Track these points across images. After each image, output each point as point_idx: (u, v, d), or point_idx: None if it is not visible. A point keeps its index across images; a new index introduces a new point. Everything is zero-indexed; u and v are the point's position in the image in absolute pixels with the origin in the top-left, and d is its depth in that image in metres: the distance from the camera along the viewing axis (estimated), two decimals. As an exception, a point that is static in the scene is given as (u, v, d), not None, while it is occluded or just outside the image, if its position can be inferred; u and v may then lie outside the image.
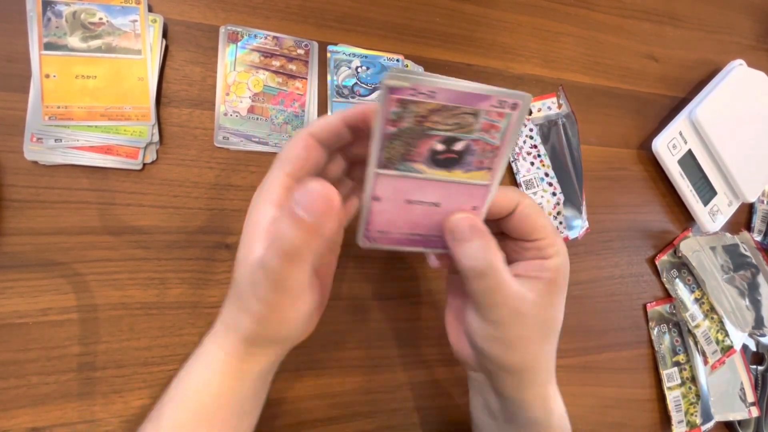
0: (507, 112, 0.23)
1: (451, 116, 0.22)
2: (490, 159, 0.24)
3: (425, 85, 0.21)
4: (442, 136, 0.23)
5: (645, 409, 0.49)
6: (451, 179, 0.24)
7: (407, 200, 0.25)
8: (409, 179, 0.24)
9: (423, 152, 0.23)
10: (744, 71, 0.54)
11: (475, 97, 0.22)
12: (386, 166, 0.23)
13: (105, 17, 0.35)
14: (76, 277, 0.33)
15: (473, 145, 0.23)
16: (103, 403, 0.33)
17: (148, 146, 0.35)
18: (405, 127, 0.22)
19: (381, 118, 0.21)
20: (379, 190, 0.24)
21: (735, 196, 0.54)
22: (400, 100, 0.21)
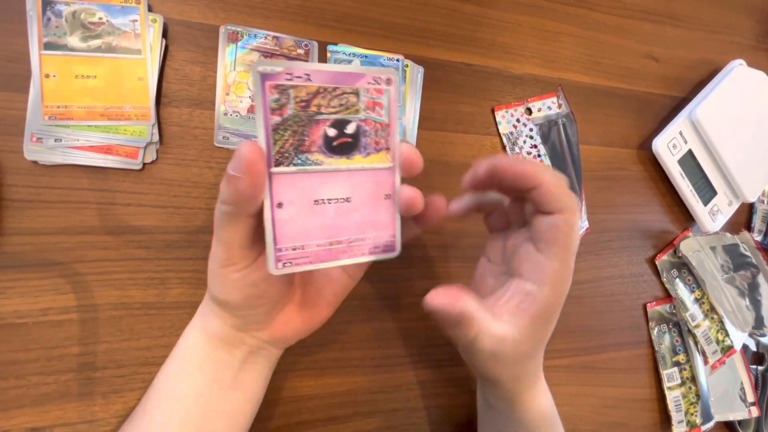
0: (384, 87, 0.23)
1: (334, 98, 0.22)
2: (384, 138, 0.24)
3: (298, 68, 0.21)
4: (331, 119, 0.22)
5: (645, 409, 0.49)
6: (354, 166, 0.23)
7: (315, 200, 0.23)
8: (310, 174, 0.23)
9: (316, 140, 0.22)
10: (744, 71, 0.54)
11: (350, 76, 0.22)
12: (281, 163, 0.22)
13: (105, 17, 0.35)
14: (76, 277, 0.33)
15: (364, 126, 0.23)
16: (103, 403, 0.33)
17: (148, 146, 0.35)
18: (290, 114, 0.21)
19: (262, 109, 0.21)
20: (279, 194, 0.22)
21: (735, 196, 0.54)
22: (277, 86, 0.21)
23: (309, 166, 0.22)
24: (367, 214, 0.24)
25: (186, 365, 0.29)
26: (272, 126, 0.21)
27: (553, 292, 0.25)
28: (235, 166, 0.21)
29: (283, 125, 0.21)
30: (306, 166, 0.22)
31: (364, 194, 0.24)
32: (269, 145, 0.21)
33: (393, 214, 0.25)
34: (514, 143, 0.47)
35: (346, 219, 0.24)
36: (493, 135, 0.46)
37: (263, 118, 0.21)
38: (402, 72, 0.43)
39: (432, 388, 0.41)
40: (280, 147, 0.22)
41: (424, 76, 0.44)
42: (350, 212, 0.24)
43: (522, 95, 0.48)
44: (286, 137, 0.22)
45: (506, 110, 0.47)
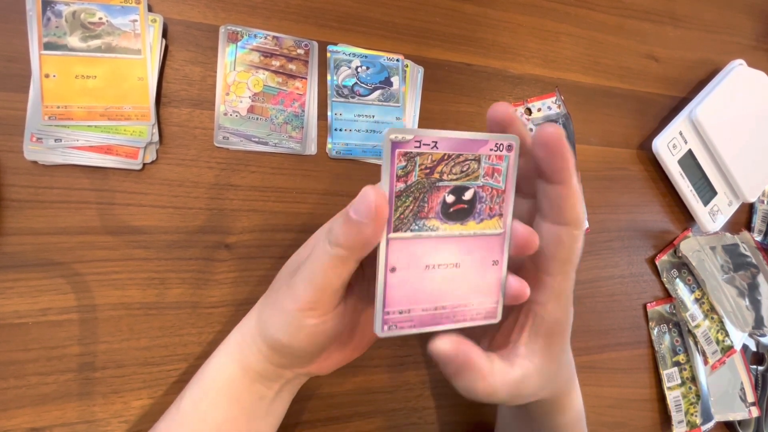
0: (505, 154, 0.23)
1: (456, 164, 0.22)
2: (498, 204, 0.23)
3: (428, 136, 0.21)
4: (451, 185, 0.22)
5: (645, 409, 0.49)
6: (467, 232, 0.23)
7: (426, 266, 0.23)
8: (424, 240, 0.22)
9: (435, 206, 0.22)
10: (744, 71, 0.54)
11: (475, 143, 0.22)
12: (399, 228, 0.22)
13: (105, 17, 0.35)
14: (75, 277, 0.33)
15: (481, 192, 0.23)
16: (103, 403, 0.33)
17: (147, 146, 0.35)
18: (414, 182, 0.21)
19: (389, 176, 0.21)
20: (394, 259, 0.22)
21: (735, 196, 0.54)
22: (406, 154, 0.21)
23: (425, 232, 0.22)
24: (473, 280, 0.24)
25: (219, 396, 0.28)
26: (396, 192, 0.21)
27: (558, 306, 0.24)
28: (360, 211, 0.20)
29: (406, 192, 0.21)
30: (422, 232, 0.22)
31: (473, 260, 0.24)
32: (391, 210, 0.21)
33: (499, 281, 0.24)
34: (514, 143, 0.46)
35: (452, 284, 0.23)
36: (493, 135, 0.46)
37: (389, 185, 0.21)
38: (402, 72, 0.43)
39: (432, 388, 0.41)
40: (401, 213, 0.21)
41: (424, 76, 0.44)
42: (457, 278, 0.23)
43: (522, 95, 0.48)
44: (407, 204, 0.22)
45: (506, 110, 0.47)
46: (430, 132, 0.21)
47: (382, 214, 0.20)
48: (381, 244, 0.22)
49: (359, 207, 0.21)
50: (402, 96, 0.43)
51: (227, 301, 0.36)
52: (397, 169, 0.21)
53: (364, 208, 0.20)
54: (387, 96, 0.42)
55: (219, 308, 0.36)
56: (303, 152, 0.39)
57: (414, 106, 0.43)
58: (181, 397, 0.29)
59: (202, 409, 0.28)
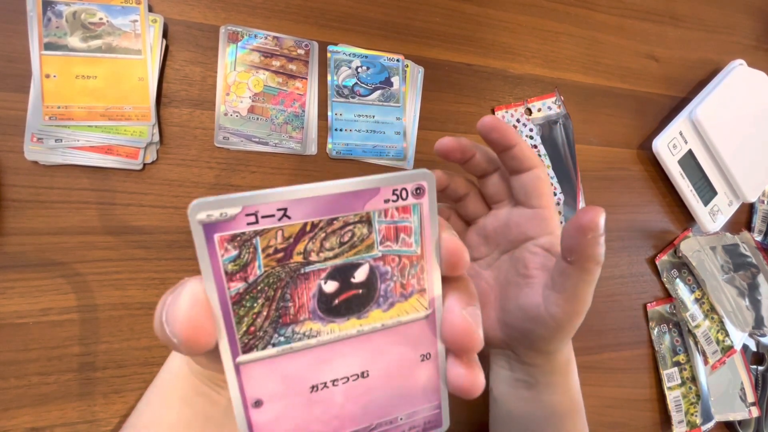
0: (412, 202, 0.16)
1: (330, 235, 0.15)
2: (415, 276, 0.16)
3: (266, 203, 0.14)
4: (327, 268, 0.15)
5: (645, 409, 0.49)
6: (370, 327, 0.16)
7: (311, 386, 0.16)
8: (300, 354, 0.16)
9: (304, 303, 0.15)
10: (744, 71, 0.54)
11: (356, 197, 0.15)
12: (252, 347, 0.15)
13: (105, 17, 0.35)
14: (76, 277, 0.33)
15: (383, 267, 0.16)
16: (104, 403, 0.33)
17: (148, 146, 0.35)
18: (259, 276, 0.15)
19: (212, 275, 0.14)
20: (255, 389, 0.15)
21: (735, 196, 0.54)
22: (234, 238, 0.14)
23: (297, 343, 0.16)
24: (395, 389, 0.17)
25: (171, 396, 0.26)
26: (232, 298, 0.14)
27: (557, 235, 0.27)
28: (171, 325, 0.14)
29: (249, 294, 0.15)
30: (293, 343, 0.15)
31: (389, 362, 0.17)
32: (230, 325, 0.15)
33: (436, 378, 0.18)
34: (514, 143, 0.47)
35: (363, 401, 0.17)
36: (493, 135, 0.46)
37: (216, 290, 0.14)
38: (402, 72, 0.43)
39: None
40: (248, 326, 0.15)
41: (424, 76, 0.44)
42: (369, 392, 0.17)
43: (522, 95, 0.48)
44: (256, 310, 0.15)
45: (506, 110, 0.47)
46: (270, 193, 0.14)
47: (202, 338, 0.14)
48: (227, 374, 0.15)
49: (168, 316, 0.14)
50: (402, 96, 0.43)
51: (227, 301, 0.36)
52: (224, 264, 0.14)
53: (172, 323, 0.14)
54: (387, 96, 0.42)
55: (219, 308, 0.36)
56: (303, 152, 0.39)
57: (414, 106, 0.43)
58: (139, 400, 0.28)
59: (156, 409, 0.26)
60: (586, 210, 0.22)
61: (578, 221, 0.22)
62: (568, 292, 0.26)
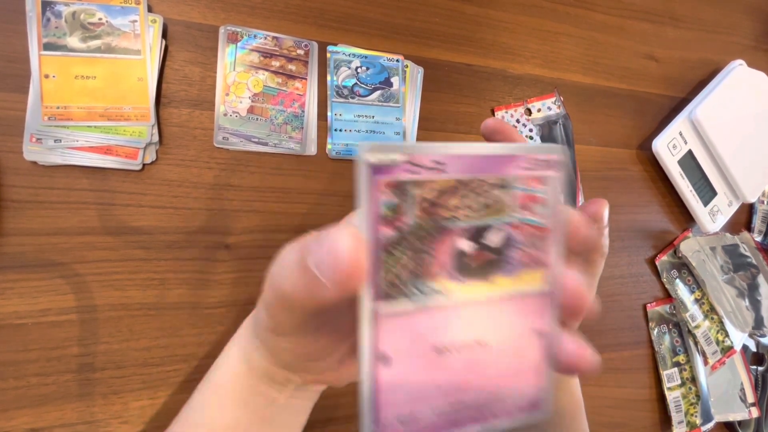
0: (546, 174, 0.16)
1: (473, 194, 0.15)
2: (541, 249, 0.17)
3: (428, 153, 0.14)
4: (468, 227, 0.16)
5: (645, 409, 0.49)
6: (495, 293, 0.16)
7: (436, 348, 0.16)
8: (431, 312, 0.16)
9: (444, 260, 0.15)
10: (744, 71, 0.54)
11: (500, 161, 0.16)
12: (391, 297, 0.15)
13: (104, 17, 0.35)
14: (75, 277, 0.33)
15: (514, 234, 0.16)
16: (103, 403, 0.33)
17: (147, 146, 0.35)
18: (411, 226, 0.15)
19: (370, 220, 0.14)
20: (386, 344, 0.15)
21: (735, 197, 0.54)
22: (395, 184, 0.14)
23: (432, 299, 0.15)
24: (507, 362, 0.17)
25: (226, 397, 0.26)
26: (383, 244, 0.14)
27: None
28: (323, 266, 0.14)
29: (398, 242, 0.15)
30: (428, 300, 0.15)
31: (507, 333, 0.17)
32: (376, 272, 0.15)
33: (543, 361, 0.18)
34: (514, 143, 0.47)
35: (476, 371, 0.17)
36: (493, 135, 0.46)
37: (371, 234, 0.14)
38: (402, 72, 0.43)
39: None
40: (392, 274, 0.15)
41: (424, 76, 0.44)
42: (485, 361, 0.17)
43: (522, 96, 0.48)
44: (402, 259, 0.15)
45: (506, 111, 0.47)
46: (432, 146, 0.14)
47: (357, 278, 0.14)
48: (362, 322, 0.15)
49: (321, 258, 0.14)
50: (402, 96, 0.43)
51: (227, 302, 0.36)
52: (382, 208, 0.14)
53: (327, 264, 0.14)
54: (387, 96, 0.42)
55: (219, 309, 0.36)
56: (303, 152, 0.39)
57: (414, 106, 0.43)
58: (192, 396, 0.27)
59: (210, 410, 0.26)
60: (590, 202, 0.22)
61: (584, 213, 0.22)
62: None
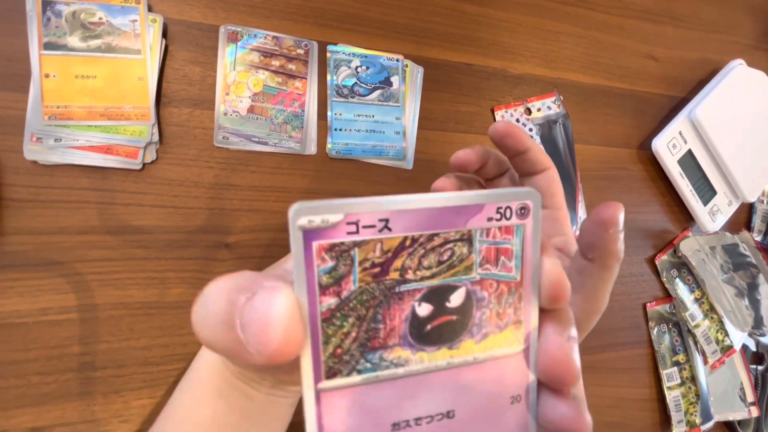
0: (515, 223, 0.15)
1: (429, 252, 0.14)
2: (513, 306, 0.15)
3: (370, 211, 0.13)
4: (423, 289, 0.14)
5: (645, 409, 0.49)
6: (460, 360, 0.15)
7: (393, 425, 0.14)
8: (386, 385, 0.14)
9: (397, 327, 0.14)
10: (744, 71, 0.54)
11: (459, 213, 0.14)
12: (336, 372, 0.14)
13: (105, 17, 0.35)
14: (76, 276, 0.33)
15: (479, 292, 0.15)
16: (103, 403, 0.33)
17: (147, 146, 0.35)
18: (353, 291, 0.13)
19: (305, 286, 0.13)
20: (334, 423, 0.14)
21: (735, 196, 0.54)
22: (333, 248, 0.13)
23: (384, 371, 0.14)
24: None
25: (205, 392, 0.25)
26: (323, 314, 0.13)
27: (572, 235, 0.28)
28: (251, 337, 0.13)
29: (341, 311, 0.13)
30: (379, 372, 0.14)
31: (477, 403, 0.15)
32: (316, 345, 0.13)
33: (524, 425, 0.16)
34: (514, 143, 0.47)
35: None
36: (493, 135, 0.46)
37: (307, 303, 0.13)
38: (402, 72, 0.43)
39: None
40: (336, 347, 0.13)
41: (424, 76, 0.44)
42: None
43: (522, 95, 0.48)
44: (345, 329, 0.13)
45: (506, 110, 0.47)
46: (374, 202, 0.13)
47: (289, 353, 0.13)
48: (305, 399, 0.13)
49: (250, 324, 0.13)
50: (402, 96, 0.43)
51: (227, 301, 0.36)
52: (320, 275, 0.13)
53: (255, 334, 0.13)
54: (387, 96, 0.42)
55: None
56: (303, 152, 0.39)
57: (414, 106, 0.43)
58: (173, 393, 0.28)
59: (189, 404, 0.26)
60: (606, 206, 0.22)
61: (599, 217, 0.21)
62: (587, 291, 0.25)
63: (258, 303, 0.13)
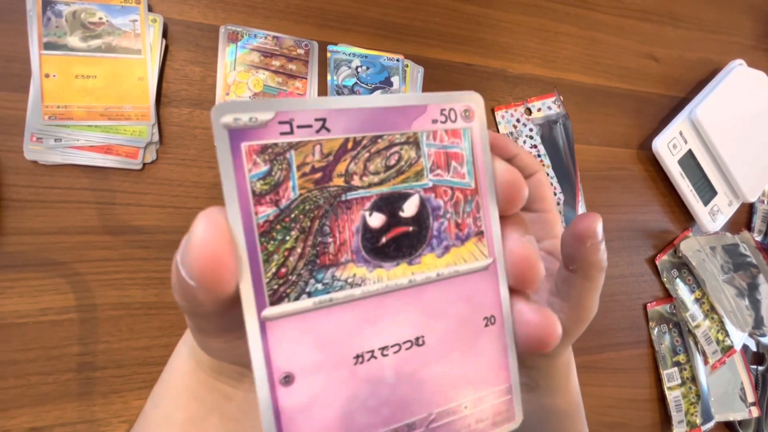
0: (462, 126, 0.14)
1: (374, 155, 0.12)
2: (471, 215, 0.14)
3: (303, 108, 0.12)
4: (372, 197, 0.13)
5: (645, 409, 0.49)
6: (424, 276, 0.13)
7: (355, 356, 0.12)
8: (343, 309, 0.12)
9: (348, 240, 0.12)
10: (744, 71, 0.54)
11: (400, 114, 0.13)
12: (283, 296, 0.12)
13: (105, 17, 0.35)
14: (75, 276, 0.33)
15: (434, 200, 0.13)
16: (103, 403, 0.33)
17: (148, 146, 0.35)
18: (293, 200, 0.12)
19: (236, 197, 0.11)
20: (284, 359, 0.12)
21: (735, 196, 0.54)
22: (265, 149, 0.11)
23: (339, 292, 0.12)
24: (455, 363, 0.14)
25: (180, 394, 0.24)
26: (260, 227, 0.11)
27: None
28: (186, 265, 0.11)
29: (281, 223, 0.12)
30: (333, 293, 0.12)
31: (448, 326, 0.13)
32: (256, 264, 0.11)
33: (503, 348, 0.14)
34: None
35: (418, 380, 0.13)
36: (493, 135, 0.46)
37: (240, 215, 0.11)
38: (402, 72, 0.43)
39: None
40: (279, 266, 0.11)
41: (424, 76, 0.44)
42: (425, 366, 0.13)
43: (522, 95, 0.48)
44: (288, 245, 0.12)
45: (506, 110, 0.47)
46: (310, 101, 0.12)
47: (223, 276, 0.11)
48: (248, 332, 0.11)
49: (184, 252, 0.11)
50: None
51: (227, 301, 0.36)
52: (251, 181, 0.11)
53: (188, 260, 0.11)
54: (387, 96, 0.42)
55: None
56: (303, 152, 0.39)
57: (414, 106, 0.43)
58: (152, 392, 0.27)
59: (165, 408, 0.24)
60: (581, 217, 0.21)
61: (575, 230, 0.21)
62: (573, 300, 0.25)
63: (192, 230, 0.11)
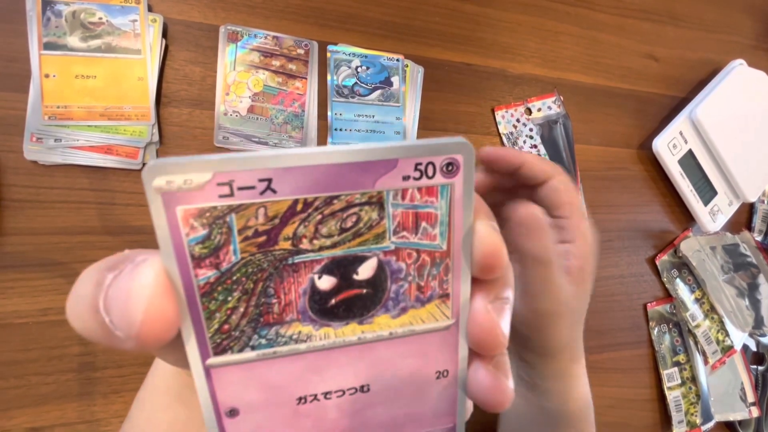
0: (440, 182, 0.12)
1: (329, 218, 0.12)
2: (437, 278, 0.13)
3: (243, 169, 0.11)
4: (324, 260, 0.12)
5: (645, 409, 0.49)
6: (373, 336, 0.13)
7: (298, 399, 0.13)
8: (286, 360, 0.13)
9: (293, 302, 0.12)
10: (744, 71, 0.54)
11: (363, 170, 0.11)
12: (226, 349, 0.12)
13: (105, 17, 0.35)
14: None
15: (394, 263, 0.13)
16: (103, 403, 0.33)
17: (147, 146, 0.35)
18: (235, 263, 0.11)
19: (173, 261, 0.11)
20: (228, 396, 0.13)
21: (735, 196, 0.54)
22: (201, 214, 0.11)
23: (283, 347, 0.12)
24: (402, 407, 0.14)
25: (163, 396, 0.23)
26: (200, 288, 0.11)
27: (585, 242, 0.27)
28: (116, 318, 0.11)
29: (222, 284, 0.11)
30: (277, 347, 0.12)
31: (397, 377, 0.14)
32: (198, 321, 0.12)
33: (452, 399, 0.14)
34: (514, 143, 0.47)
35: (361, 418, 0.14)
36: (493, 135, 0.46)
37: (180, 277, 0.11)
38: (402, 72, 0.43)
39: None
40: (221, 323, 0.12)
41: (424, 76, 0.44)
42: (369, 407, 0.14)
43: (522, 95, 0.48)
44: (230, 304, 0.12)
45: (506, 110, 0.47)
46: (251, 157, 0.11)
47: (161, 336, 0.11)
48: (194, 376, 0.12)
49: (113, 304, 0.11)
50: (402, 96, 0.43)
51: (227, 301, 0.36)
52: (188, 246, 0.11)
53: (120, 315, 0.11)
54: (387, 96, 0.42)
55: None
56: (303, 152, 0.39)
57: (414, 106, 0.43)
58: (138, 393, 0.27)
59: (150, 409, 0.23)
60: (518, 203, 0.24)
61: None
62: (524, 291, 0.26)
63: (121, 279, 0.11)
